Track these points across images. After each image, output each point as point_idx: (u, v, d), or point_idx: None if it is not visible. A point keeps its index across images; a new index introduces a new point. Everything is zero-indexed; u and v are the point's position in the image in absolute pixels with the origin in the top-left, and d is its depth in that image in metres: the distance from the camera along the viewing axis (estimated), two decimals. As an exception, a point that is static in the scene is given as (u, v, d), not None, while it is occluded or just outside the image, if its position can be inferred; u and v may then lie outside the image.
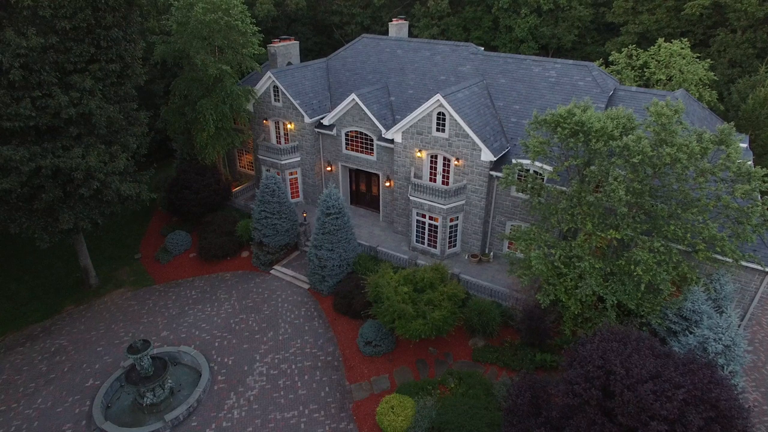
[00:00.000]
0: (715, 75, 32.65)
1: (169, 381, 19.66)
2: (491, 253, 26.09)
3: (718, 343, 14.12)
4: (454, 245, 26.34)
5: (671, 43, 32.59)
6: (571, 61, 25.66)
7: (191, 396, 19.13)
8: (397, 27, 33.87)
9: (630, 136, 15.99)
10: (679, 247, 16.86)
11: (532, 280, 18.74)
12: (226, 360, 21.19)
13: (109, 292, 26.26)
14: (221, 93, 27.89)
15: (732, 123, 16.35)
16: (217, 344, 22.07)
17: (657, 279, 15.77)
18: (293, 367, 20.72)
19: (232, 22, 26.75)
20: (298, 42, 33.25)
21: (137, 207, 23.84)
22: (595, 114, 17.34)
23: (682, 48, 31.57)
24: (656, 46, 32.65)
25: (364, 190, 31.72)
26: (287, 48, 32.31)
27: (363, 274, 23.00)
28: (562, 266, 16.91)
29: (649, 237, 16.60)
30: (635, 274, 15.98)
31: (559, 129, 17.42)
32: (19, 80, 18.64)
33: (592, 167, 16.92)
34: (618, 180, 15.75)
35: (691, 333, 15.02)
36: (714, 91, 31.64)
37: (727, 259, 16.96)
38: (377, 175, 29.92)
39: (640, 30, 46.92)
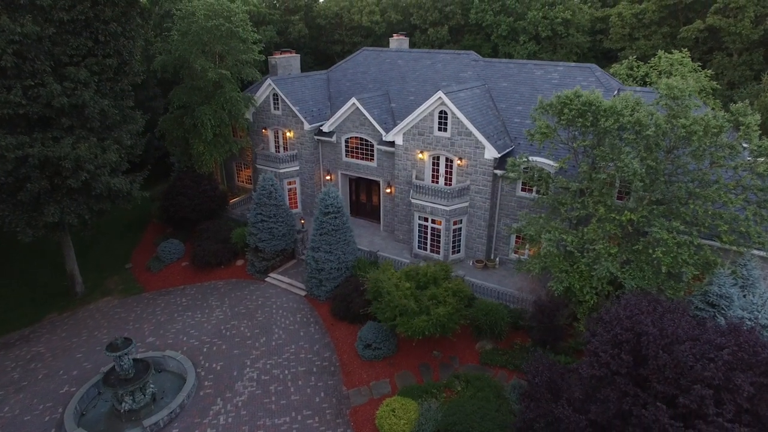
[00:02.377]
0: (718, 84, 32.50)
1: (152, 386, 18.05)
2: (497, 259, 24.89)
3: (755, 323, 12.79)
4: (458, 251, 25.18)
5: (671, 53, 32.68)
6: (573, 64, 25.50)
7: (174, 401, 17.50)
8: (398, 42, 34.16)
9: (641, 111, 15.30)
10: (702, 240, 15.76)
11: (542, 270, 17.49)
12: (214, 365, 19.63)
13: (95, 301, 24.92)
14: (220, 99, 27.63)
15: (747, 101, 15.69)
16: (205, 350, 20.55)
17: (678, 261, 14.60)
18: (286, 372, 19.14)
19: (233, 28, 26.86)
20: (299, 55, 33.44)
21: (128, 206, 22.95)
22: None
23: (683, 57, 31.59)
24: (657, 58, 32.71)
25: (364, 200, 30.89)
26: (288, 60, 32.44)
27: (363, 276, 21.75)
28: (575, 251, 15.77)
29: (667, 220, 15.55)
30: (654, 256, 14.82)
31: (566, 110, 16.75)
32: (11, 67, 18.25)
33: (602, 147, 16.11)
34: (631, 155, 14.90)
35: (722, 316, 13.64)
36: (717, 100, 31.38)
37: (755, 251, 15.86)
38: (378, 184, 29.15)
39: (638, 55, 47.54)
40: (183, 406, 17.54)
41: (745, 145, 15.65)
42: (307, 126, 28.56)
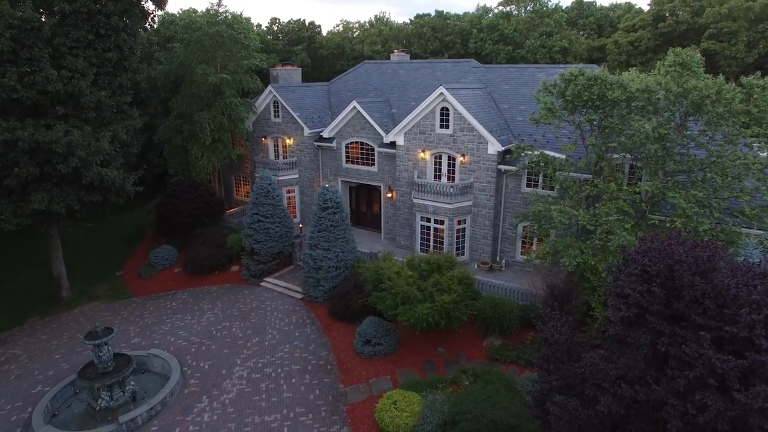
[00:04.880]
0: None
1: (132, 383, 16.58)
2: (503, 261, 23.77)
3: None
4: (462, 253, 24.10)
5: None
6: (574, 65, 25.42)
7: (154, 398, 16.01)
8: (399, 58, 34.46)
9: (650, 79, 14.81)
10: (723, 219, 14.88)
11: (554, 255, 16.44)
12: (201, 364, 18.20)
13: (80, 305, 23.64)
14: (220, 104, 27.47)
15: (758, 73, 15.25)
16: (193, 350, 19.16)
17: (699, 233, 13.61)
18: (279, 370, 17.68)
19: (235, 35, 27.12)
20: (300, 69, 33.74)
21: (120, 201, 22.13)
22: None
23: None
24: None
25: (365, 209, 30.13)
26: (289, 73, 32.67)
27: (363, 266, 20.64)
28: (588, 225, 14.81)
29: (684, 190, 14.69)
30: (673, 228, 13.83)
31: (571, 86, 16.31)
32: (7, 50, 18.05)
33: (611, 118, 15.51)
34: (641, 122, 14.25)
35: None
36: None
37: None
38: (378, 191, 28.47)
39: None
40: (165, 403, 16.04)
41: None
42: (307, 131, 28.26)
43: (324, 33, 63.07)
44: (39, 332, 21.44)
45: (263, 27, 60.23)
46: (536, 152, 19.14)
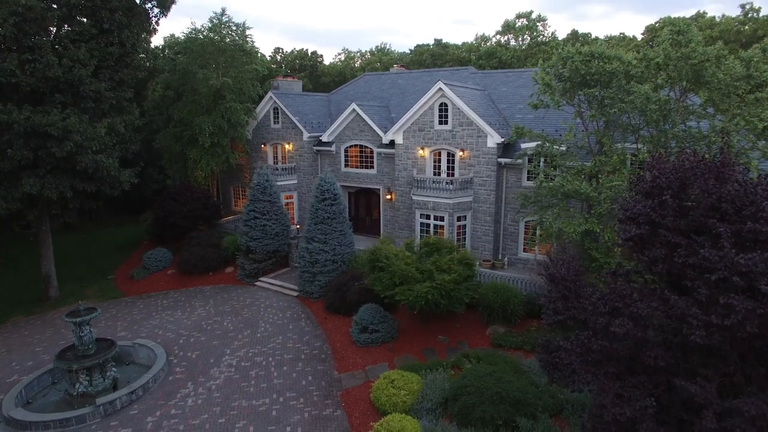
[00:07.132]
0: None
1: (114, 370, 15.62)
2: (505, 259, 23.06)
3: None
4: (464, 251, 23.40)
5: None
6: (571, 66, 25.64)
7: (136, 382, 15.01)
8: (398, 71, 35.04)
9: (647, 50, 14.74)
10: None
11: (557, 233, 15.82)
12: (189, 354, 17.25)
13: (68, 305, 22.75)
14: (221, 108, 27.60)
15: (755, 46, 15.19)
16: (182, 341, 18.23)
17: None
18: (270, 359, 16.70)
19: (237, 41, 27.64)
20: (301, 81, 34.22)
21: (115, 192, 21.75)
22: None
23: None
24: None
25: (364, 215, 29.68)
26: (290, 84, 33.06)
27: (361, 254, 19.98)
28: (591, 192, 14.30)
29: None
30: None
31: (569, 62, 16.25)
32: (10, 36, 18.23)
33: (610, 90, 15.33)
34: (641, 87, 14.06)
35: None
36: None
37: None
38: (377, 195, 28.12)
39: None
40: (147, 388, 15.04)
41: None
42: (306, 135, 28.25)
43: (326, 63, 64.76)
44: (22, 328, 20.55)
45: (267, 56, 61.93)
46: (536, 143, 18.91)
